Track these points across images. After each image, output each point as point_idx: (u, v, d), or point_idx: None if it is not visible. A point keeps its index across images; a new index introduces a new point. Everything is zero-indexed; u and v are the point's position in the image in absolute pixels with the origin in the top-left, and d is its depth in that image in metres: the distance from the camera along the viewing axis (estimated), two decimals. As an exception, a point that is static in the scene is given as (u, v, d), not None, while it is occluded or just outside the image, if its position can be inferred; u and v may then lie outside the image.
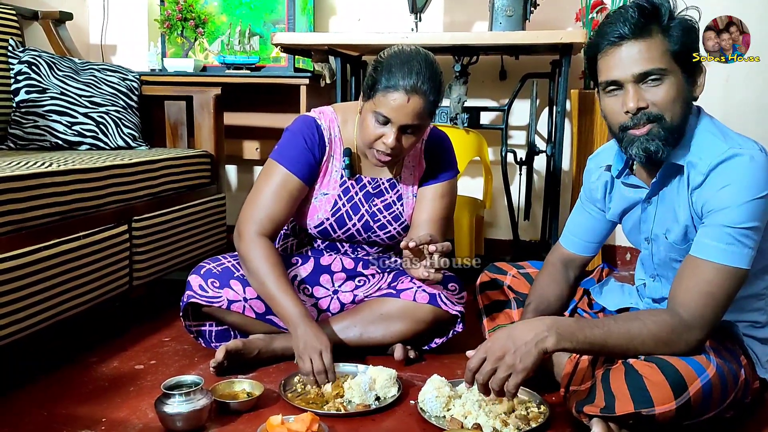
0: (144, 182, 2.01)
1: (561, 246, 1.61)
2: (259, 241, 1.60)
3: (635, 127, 1.25)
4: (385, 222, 1.73)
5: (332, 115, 1.71)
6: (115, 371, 1.64)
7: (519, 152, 2.57)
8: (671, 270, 1.38)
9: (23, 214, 1.54)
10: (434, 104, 1.55)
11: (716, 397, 1.20)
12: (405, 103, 1.49)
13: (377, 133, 1.54)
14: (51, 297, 1.61)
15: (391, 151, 1.55)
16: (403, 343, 1.70)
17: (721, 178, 1.21)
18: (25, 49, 2.35)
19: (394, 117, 1.51)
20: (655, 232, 1.39)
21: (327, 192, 1.70)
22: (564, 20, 2.66)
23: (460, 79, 2.43)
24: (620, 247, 2.79)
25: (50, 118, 2.26)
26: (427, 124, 1.60)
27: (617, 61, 1.25)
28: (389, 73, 1.51)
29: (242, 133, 2.95)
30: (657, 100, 1.23)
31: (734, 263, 1.20)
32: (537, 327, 1.21)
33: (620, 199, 1.46)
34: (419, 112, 1.51)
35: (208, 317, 1.71)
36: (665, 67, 1.23)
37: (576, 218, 1.60)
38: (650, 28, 1.23)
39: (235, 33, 2.92)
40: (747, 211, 1.19)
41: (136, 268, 1.97)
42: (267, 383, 1.51)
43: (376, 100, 1.53)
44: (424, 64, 1.51)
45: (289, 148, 1.66)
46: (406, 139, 1.56)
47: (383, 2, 2.84)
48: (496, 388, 1.21)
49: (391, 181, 1.74)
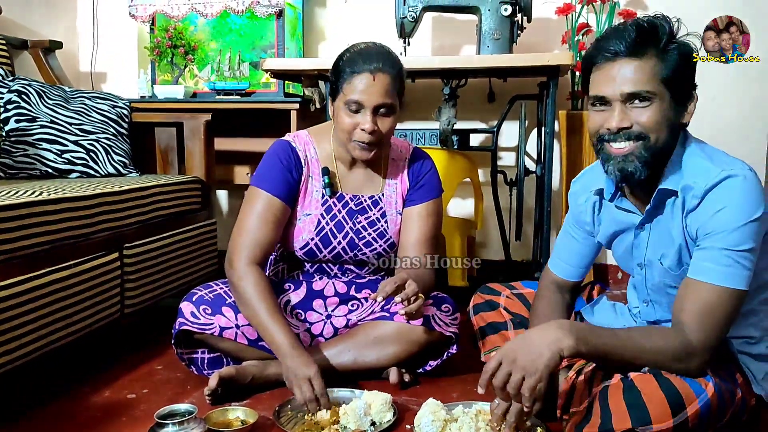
0: (135, 209, 2.01)
1: (550, 270, 1.61)
2: (250, 270, 1.60)
3: (613, 141, 1.26)
4: (370, 239, 1.73)
5: (306, 138, 1.75)
6: (107, 401, 1.61)
7: (509, 173, 2.59)
8: (665, 296, 1.38)
9: (13, 243, 1.53)
10: (400, 81, 1.61)
11: (713, 417, 1.20)
12: (372, 81, 1.55)
13: (353, 122, 1.58)
14: (42, 326, 1.59)
15: (371, 137, 1.58)
16: (398, 366, 1.69)
17: (716, 202, 1.22)
18: (14, 78, 2.35)
19: (365, 99, 1.56)
20: (648, 258, 1.38)
21: (309, 213, 1.71)
22: (550, 43, 2.70)
23: (449, 102, 2.45)
24: (612, 266, 2.80)
25: (40, 146, 2.26)
26: (398, 104, 1.62)
27: (609, 78, 1.26)
28: (350, 62, 1.58)
29: (233, 159, 2.95)
30: (642, 120, 1.24)
31: (734, 285, 1.21)
32: (553, 329, 1.20)
33: (611, 221, 1.45)
34: (387, 89, 1.57)
35: (200, 344, 1.70)
36: (654, 91, 1.23)
37: (563, 243, 1.60)
38: (646, 49, 1.23)
39: (225, 59, 2.94)
40: (743, 234, 1.20)
41: (128, 296, 1.95)
42: (261, 410, 1.50)
43: (344, 91, 1.58)
44: (380, 48, 1.62)
45: (267, 172, 1.69)
46: (382, 121, 1.59)
47: (372, 27, 2.86)
48: (511, 391, 1.18)
49: (373, 199, 1.75)
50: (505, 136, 2.77)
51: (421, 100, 2.79)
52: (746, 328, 1.35)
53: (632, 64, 1.23)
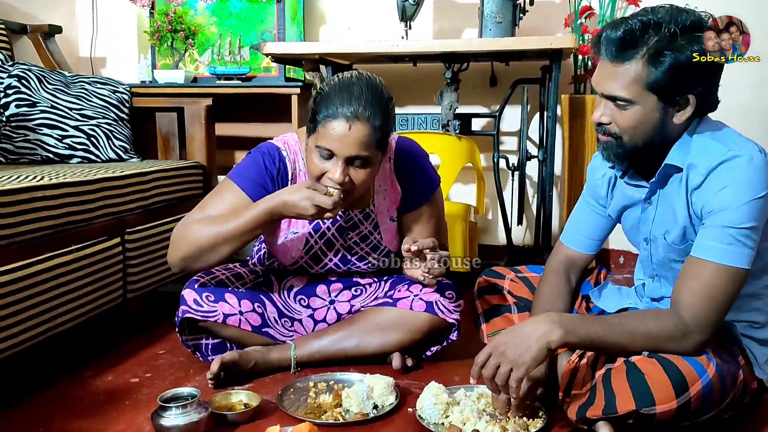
0: (136, 194, 2.01)
1: (563, 245, 1.59)
2: (194, 222, 1.54)
3: (598, 134, 1.32)
4: (363, 254, 1.70)
5: (296, 147, 1.64)
6: (110, 385, 1.62)
7: (511, 158, 2.58)
8: (670, 270, 1.39)
9: (15, 228, 1.53)
10: (382, 131, 1.44)
11: (715, 398, 1.21)
12: (346, 131, 1.39)
13: (322, 168, 1.44)
14: (44, 311, 1.60)
15: (340, 188, 1.44)
16: (401, 352, 1.69)
17: (720, 180, 1.22)
18: (14, 63, 2.34)
19: (337, 148, 1.41)
20: (654, 234, 1.39)
21: (297, 231, 1.65)
22: (553, 26, 2.68)
23: (451, 86, 2.44)
24: (614, 250, 2.80)
25: (41, 131, 2.25)
26: (377, 156, 1.48)
27: (598, 74, 1.29)
28: (328, 102, 1.42)
29: (234, 144, 2.95)
30: (619, 121, 1.27)
31: (735, 263, 1.21)
32: (542, 322, 1.22)
33: (621, 196, 1.46)
34: (364, 141, 1.41)
35: (204, 331, 1.69)
36: (630, 98, 1.23)
37: (579, 215, 1.59)
38: (632, 54, 1.21)
39: (226, 44, 2.93)
40: (746, 212, 1.20)
41: (130, 281, 1.96)
42: (264, 394, 1.50)
43: (317, 134, 1.44)
44: (365, 88, 1.42)
45: (246, 169, 1.60)
46: (356, 173, 1.44)
47: (373, 11, 2.85)
48: (499, 382, 1.22)
49: (364, 212, 1.67)
50: (507, 120, 2.76)
51: (422, 85, 2.78)
52: (750, 313, 1.36)
53: (614, 69, 1.24)
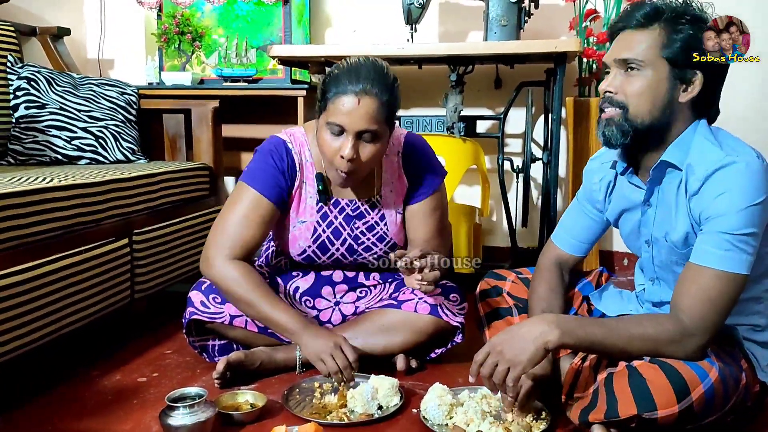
0: (144, 195, 2.02)
1: (554, 245, 1.61)
2: (233, 265, 1.56)
3: (603, 106, 1.32)
4: (369, 244, 1.71)
5: (302, 138, 1.67)
6: (118, 384, 1.64)
7: (515, 160, 2.59)
8: (671, 273, 1.40)
9: (24, 230, 1.55)
10: (389, 107, 1.49)
11: (718, 402, 1.21)
12: (356, 105, 1.44)
13: (335, 146, 1.49)
14: (53, 312, 1.62)
15: (351, 165, 1.48)
16: (405, 353, 1.70)
17: (717, 186, 1.22)
18: (23, 65, 2.36)
19: (347, 123, 1.46)
20: (655, 235, 1.40)
21: (305, 220, 1.67)
22: (558, 29, 2.69)
23: (456, 89, 2.45)
24: (618, 252, 2.80)
25: (49, 133, 2.27)
26: (385, 132, 1.52)
27: (614, 46, 1.32)
28: (337, 81, 1.48)
29: (240, 145, 2.96)
30: (626, 88, 1.28)
31: (733, 269, 1.21)
32: (540, 323, 1.24)
33: (620, 198, 1.46)
34: (373, 115, 1.46)
35: (211, 332, 1.71)
36: (645, 60, 1.26)
37: (572, 217, 1.60)
38: (653, 21, 1.27)
39: (232, 46, 2.95)
40: (744, 218, 1.20)
41: (137, 282, 1.97)
42: (270, 394, 1.52)
43: (327, 111, 1.49)
44: (372, 68, 1.49)
45: (259, 170, 1.62)
46: (364, 148, 1.49)
47: (379, 14, 2.86)
48: (496, 382, 1.24)
49: (370, 202, 1.70)
50: (512, 122, 2.77)
51: (427, 87, 2.79)
52: (752, 316, 1.36)
53: (634, 34, 1.28)
